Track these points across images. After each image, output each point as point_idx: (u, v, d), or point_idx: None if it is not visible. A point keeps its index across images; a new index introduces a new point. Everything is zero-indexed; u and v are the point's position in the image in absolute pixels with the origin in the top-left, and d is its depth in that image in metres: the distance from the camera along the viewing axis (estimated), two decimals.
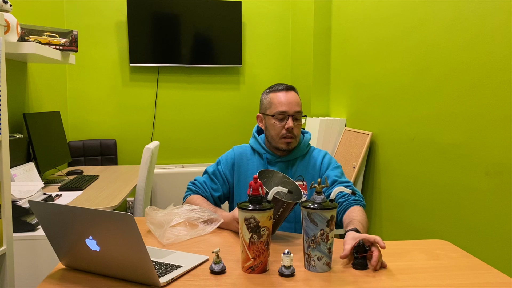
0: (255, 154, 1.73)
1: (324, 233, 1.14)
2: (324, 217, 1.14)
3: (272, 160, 1.70)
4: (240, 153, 1.75)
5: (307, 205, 1.15)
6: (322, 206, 1.14)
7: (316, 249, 1.16)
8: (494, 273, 1.17)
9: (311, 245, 1.16)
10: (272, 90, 1.69)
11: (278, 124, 1.64)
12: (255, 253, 1.14)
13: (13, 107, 2.58)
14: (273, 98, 1.66)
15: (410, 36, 2.44)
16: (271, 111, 1.66)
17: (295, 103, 1.65)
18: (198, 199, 1.66)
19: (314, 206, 1.15)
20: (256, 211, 1.13)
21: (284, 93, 1.66)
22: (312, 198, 1.18)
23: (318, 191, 1.18)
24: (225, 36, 4.01)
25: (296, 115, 1.65)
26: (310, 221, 1.15)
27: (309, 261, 1.17)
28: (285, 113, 1.63)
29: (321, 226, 1.14)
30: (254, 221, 1.13)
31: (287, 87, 1.68)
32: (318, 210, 1.14)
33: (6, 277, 1.50)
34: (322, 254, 1.16)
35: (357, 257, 1.19)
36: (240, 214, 1.16)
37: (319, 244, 1.15)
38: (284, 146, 1.65)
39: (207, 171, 1.76)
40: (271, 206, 1.16)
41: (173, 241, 1.39)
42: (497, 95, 1.80)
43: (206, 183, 1.73)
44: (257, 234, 1.13)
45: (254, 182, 1.16)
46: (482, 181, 1.89)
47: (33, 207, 1.14)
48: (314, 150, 1.74)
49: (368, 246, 1.19)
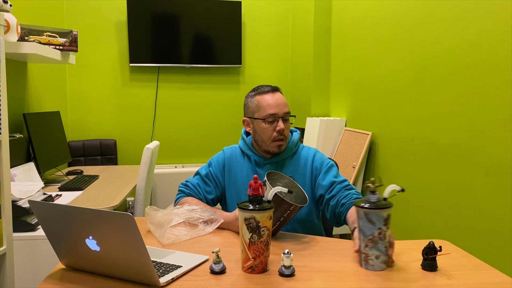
0: (244, 156, 1.71)
1: (382, 232, 1.16)
2: (381, 216, 1.15)
3: (260, 162, 1.67)
4: (230, 155, 1.73)
5: (364, 204, 1.16)
6: (379, 205, 1.16)
7: (374, 248, 1.17)
8: (494, 273, 1.17)
9: (368, 244, 1.17)
10: (257, 92, 1.65)
11: (268, 127, 1.61)
12: (255, 253, 1.14)
13: (13, 107, 2.58)
14: (260, 100, 1.62)
15: (410, 36, 2.44)
16: (260, 114, 1.62)
17: (284, 104, 1.62)
18: (193, 201, 1.63)
19: (371, 205, 1.16)
20: (256, 211, 1.13)
21: (271, 94, 1.62)
22: (367, 197, 1.18)
23: (372, 190, 1.18)
24: (225, 36, 4.01)
25: (286, 116, 1.62)
26: (367, 220, 1.16)
27: (367, 260, 1.18)
28: (275, 115, 1.60)
29: (379, 225, 1.15)
30: (254, 221, 1.13)
31: (272, 88, 1.64)
32: (375, 210, 1.15)
33: (6, 277, 1.50)
34: (380, 252, 1.17)
35: (426, 258, 1.18)
36: (240, 214, 1.16)
37: (376, 243, 1.16)
38: (275, 149, 1.63)
39: (200, 173, 1.73)
40: (271, 206, 1.16)
41: (173, 241, 1.39)
42: (497, 95, 1.80)
43: (200, 185, 1.70)
44: (257, 234, 1.13)
45: (254, 182, 1.16)
46: (482, 181, 1.89)
47: (33, 207, 1.14)
48: (303, 149, 1.71)
49: (440, 247, 1.19)
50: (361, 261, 1.20)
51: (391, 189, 1.20)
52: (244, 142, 1.71)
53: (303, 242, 1.41)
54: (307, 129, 3.46)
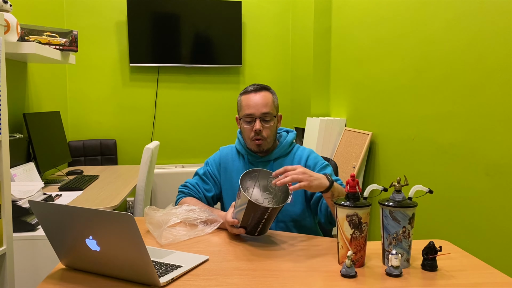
0: (239, 155, 1.73)
1: (406, 231, 1.18)
2: (406, 215, 1.17)
3: (253, 161, 1.69)
4: (226, 154, 1.75)
5: (389, 203, 1.18)
6: (404, 204, 1.17)
7: (398, 246, 1.18)
8: (494, 273, 1.17)
9: (392, 242, 1.18)
10: (243, 92, 1.67)
11: (247, 127, 1.62)
12: (356, 248, 1.18)
13: (13, 107, 2.58)
14: (242, 100, 1.64)
15: (410, 36, 2.44)
16: (240, 114, 1.65)
17: (262, 105, 1.60)
18: (192, 201, 1.65)
19: (396, 204, 1.17)
20: (359, 208, 1.16)
21: (253, 94, 1.62)
22: (392, 196, 1.20)
23: (398, 189, 1.20)
24: (225, 36, 4.01)
25: (264, 117, 1.60)
26: (392, 219, 1.18)
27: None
28: (251, 116, 1.60)
29: (403, 224, 1.17)
30: (356, 217, 1.16)
31: (256, 88, 1.64)
32: (400, 208, 1.17)
33: (6, 277, 1.50)
34: (404, 251, 1.18)
35: (426, 258, 1.19)
36: (340, 211, 1.18)
37: (400, 241, 1.18)
38: (254, 148, 1.64)
39: (198, 172, 1.75)
40: (369, 203, 1.19)
41: (171, 241, 1.39)
42: (497, 95, 1.80)
43: (199, 184, 1.72)
44: (359, 230, 1.17)
45: (351, 179, 1.19)
46: (482, 181, 1.89)
47: (33, 207, 1.14)
48: (299, 149, 1.72)
49: (440, 247, 1.20)
50: (384, 259, 1.22)
51: (416, 189, 1.22)
52: (239, 141, 1.73)
53: (299, 242, 1.41)
54: (307, 129, 3.46)
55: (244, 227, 1.40)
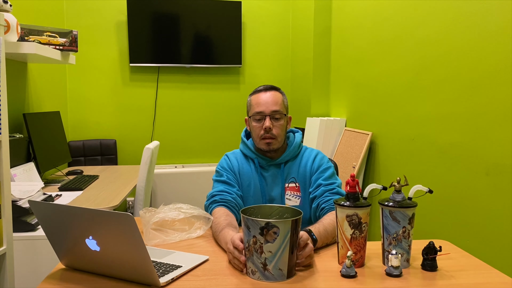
0: (247, 159, 1.69)
1: (406, 231, 1.18)
2: (406, 215, 1.17)
3: (264, 164, 1.66)
4: (234, 159, 1.70)
5: (389, 203, 1.18)
6: (404, 204, 1.18)
7: (398, 246, 1.18)
8: (494, 273, 1.17)
9: (392, 242, 1.19)
10: (253, 92, 1.67)
11: (256, 125, 1.61)
12: (356, 248, 1.18)
13: (13, 107, 2.58)
14: (252, 100, 1.65)
15: (410, 36, 2.44)
16: (250, 113, 1.65)
17: (272, 103, 1.60)
18: (220, 212, 1.51)
19: (396, 204, 1.18)
20: (359, 208, 1.16)
21: (263, 93, 1.63)
22: (392, 196, 1.20)
23: (398, 189, 1.21)
24: (225, 36, 4.01)
25: (274, 115, 1.60)
26: (392, 219, 1.18)
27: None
28: (261, 113, 1.60)
29: (403, 224, 1.18)
30: (356, 217, 1.17)
31: (266, 87, 1.65)
32: (400, 208, 1.17)
33: (6, 277, 1.50)
34: (403, 251, 1.19)
35: (426, 258, 1.19)
36: (340, 211, 1.18)
37: (400, 241, 1.18)
38: (264, 147, 1.61)
39: (217, 179, 1.66)
40: (368, 203, 1.19)
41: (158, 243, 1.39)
42: (497, 95, 1.80)
43: (228, 189, 1.61)
44: (359, 230, 1.17)
45: (351, 179, 1.19)
46: (482, 181, 1.89)
47: (33, 207, 1.14)
48: (306, 150, 1.71)
49: (440, 247, 1.20)
50: (384, 259, 1.22)
51: (416, 189, 1.22)
52: (245, 145, 1.70)
53: None
54: (307, 129, 3.46)
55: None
